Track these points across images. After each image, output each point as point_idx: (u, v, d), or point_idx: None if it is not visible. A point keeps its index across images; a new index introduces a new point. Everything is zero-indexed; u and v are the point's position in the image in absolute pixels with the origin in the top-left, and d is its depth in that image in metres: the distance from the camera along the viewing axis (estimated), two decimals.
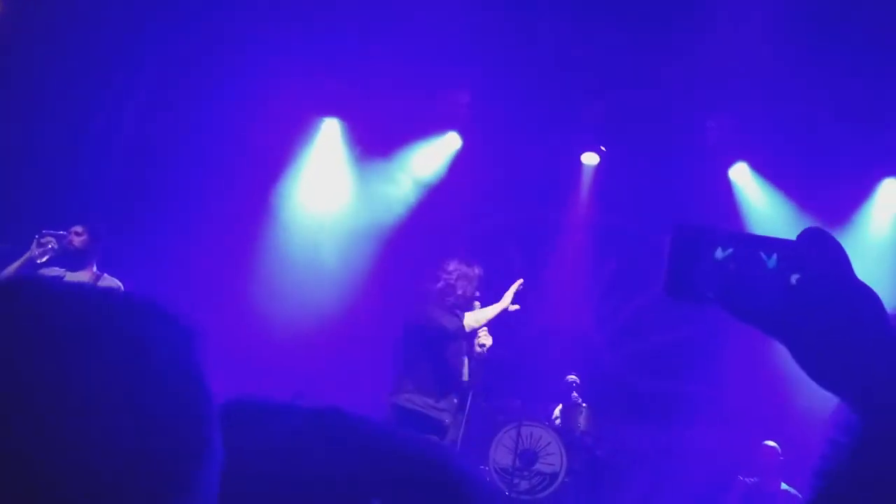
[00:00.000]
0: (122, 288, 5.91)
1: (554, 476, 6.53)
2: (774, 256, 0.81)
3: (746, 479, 6.72)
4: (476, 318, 5.83)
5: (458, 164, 8.32)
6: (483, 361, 5.96)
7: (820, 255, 0.79)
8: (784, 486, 6.58)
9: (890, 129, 7.30)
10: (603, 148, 8.20)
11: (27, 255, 5.63)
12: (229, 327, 6.56)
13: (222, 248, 7.48)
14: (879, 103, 7.15)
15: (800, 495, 6.39)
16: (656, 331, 8.21)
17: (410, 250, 8.26)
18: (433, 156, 8.35)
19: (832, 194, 7.65)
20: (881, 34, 6.55)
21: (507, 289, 5.99)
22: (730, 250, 0.82)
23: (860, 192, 7.97)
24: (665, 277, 0.82)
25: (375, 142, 8.20)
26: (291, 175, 8.22)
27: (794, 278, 0.80)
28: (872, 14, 6.47)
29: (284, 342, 7.47)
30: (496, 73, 7.60)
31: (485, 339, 5.93)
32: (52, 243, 5.69)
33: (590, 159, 8.33)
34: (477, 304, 5.92)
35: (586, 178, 8.46)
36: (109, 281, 5.92)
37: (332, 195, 8.27)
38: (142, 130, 7.39)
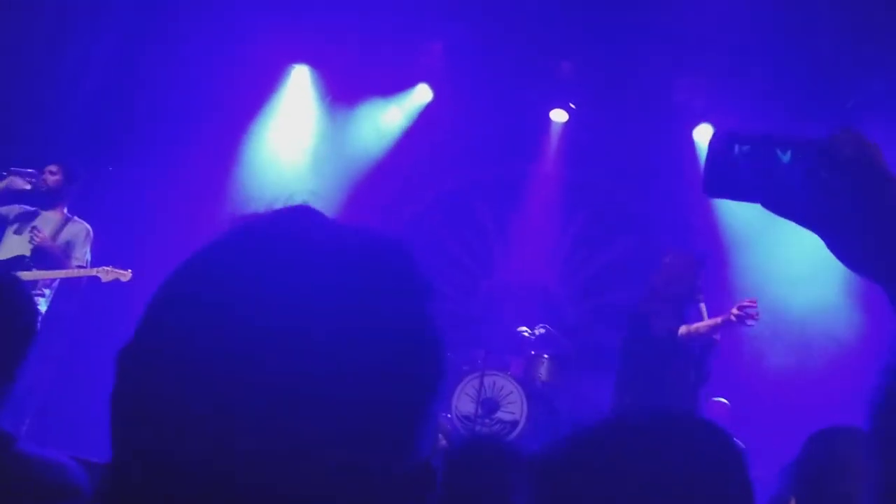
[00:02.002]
0: (91, 232, 5.89)
1: (514, 424, 6.71)
2: (804, 155, 0.88)
3: None
4: (689, 329, 5.13)
5: (428, 115, 8.34)
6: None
7: (853, 151, 0.84)
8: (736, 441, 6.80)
9: (853, 96, 7.43)
10: (572, 105, 8.28)
11: None
12: None
13: (192, 194, 7.45)
14: (845, 70, 7.26)
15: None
16: (621, 286, 8.37)
17: (378, 200, 8.31)
18: (404, 107, 8.37)
19: None
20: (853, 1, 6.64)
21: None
22: (765, 151, 0.89)
23: None
24: (704, 178, 0.91)
25: (346, 90, 8.19)
26: (261, 122, 8.19)
27: (825, 173, 0.85)
28: None
29: None
30: (469, 26, 7.59)
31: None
32: (14, 183, 5.64)
33: (559, 116, 8.41)
34: (701, 302, 5.34)
35: (555, 135, 8.54)
36: (78, 224, 5.87)
37: (302, 143, 8.26)
38: (110, 77, 7.29)
